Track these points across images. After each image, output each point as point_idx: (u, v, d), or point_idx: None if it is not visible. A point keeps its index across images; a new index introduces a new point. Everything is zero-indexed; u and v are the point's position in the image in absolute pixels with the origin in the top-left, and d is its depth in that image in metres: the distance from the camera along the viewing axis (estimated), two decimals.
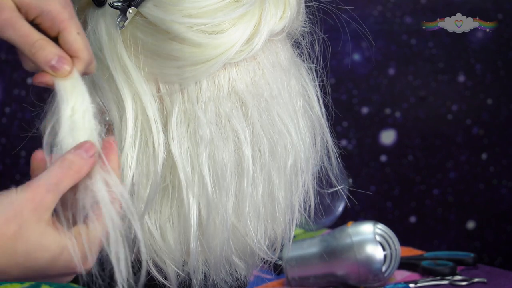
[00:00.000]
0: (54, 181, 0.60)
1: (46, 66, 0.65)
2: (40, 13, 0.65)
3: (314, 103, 0.84)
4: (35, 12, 0.65)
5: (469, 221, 2.23)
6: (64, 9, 0.66)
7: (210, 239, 0.77)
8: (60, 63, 0.65)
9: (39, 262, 0.60)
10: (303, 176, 0.82)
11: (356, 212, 2.09)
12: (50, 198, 0.60)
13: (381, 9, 2.13)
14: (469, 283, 1.14)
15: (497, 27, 2.09)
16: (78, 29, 0.67)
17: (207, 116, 0.75)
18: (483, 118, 2.19)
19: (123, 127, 0.75)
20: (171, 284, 0.79)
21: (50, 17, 0.65)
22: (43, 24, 0.66)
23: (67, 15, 0.66)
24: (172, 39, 0.74)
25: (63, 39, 0.66)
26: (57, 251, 0.60)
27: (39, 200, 0.60)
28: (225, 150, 0.76)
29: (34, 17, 0.65)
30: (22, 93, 2.07)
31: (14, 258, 0.59)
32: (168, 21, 0.74)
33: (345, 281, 1.13)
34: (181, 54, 0.74)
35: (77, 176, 0.62)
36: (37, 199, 0.59)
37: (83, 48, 0.66)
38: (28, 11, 0.65)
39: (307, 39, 0.84)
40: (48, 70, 0.65)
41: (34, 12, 0.65)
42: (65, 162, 0.61)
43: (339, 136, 0.87)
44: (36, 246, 0.59)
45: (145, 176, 0.76)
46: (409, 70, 2.16)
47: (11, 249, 0.58)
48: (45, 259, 0.60)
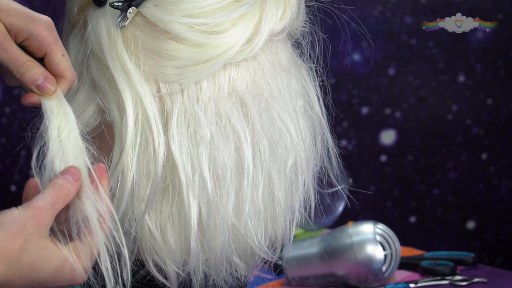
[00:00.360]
0: (50, 201, 0.66)
1: (32, 85, 0.71)
2: (29, 35, 0.70)
3: (314, 103, 0.84)
4: (24, 35, 0.70)
5: (469, 221, 2.23)
6: (50, 33, 0.71)
7: (210, 239, 0.77)
8: (45, 83, 0.71)
9: (42, 274, 0.65)
10: (304, 176, 0.82)
11: (356, 212, 2.09)
12: (49, 215, 0.66)
13: (381, 9, 2.13)
14: (469, 283, 1.14)
15: (497, 27, 2.09)
16: (62, 51, 0.72)
17: (207, 116, 0.75)
18: (483, 118, 2.19)
19: (124, 127, 0.75)
20: (172, 284, 0.79)
21: (37, 39, 0.70)
22: (30, 46, 0.71)
23: (52, 38, 0.71)
24: (172, 39, 0.74)
25: (50, 61, 0.71)
26: (58, 263, 0.66)
27: (40, 217, 0.65)
28: (226, 150, 0.76)
29: (22, 40, 0.70)
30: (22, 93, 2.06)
31: (20, 270, 0.64)
32: (169, 21, 0.74)
33: (345, 281, 1.13)
34: (182, 54, 0.74)
35: (67, 198, 0.67)
36: (38, 216, 0.65)
37: (68, 68, 0.72)
38: (17, 34, 0.70)
39: (308, 39, 0.84)
40: (34, 90, 0.71)
41: (23, 35, 0.70)
42: (56, 185, 0.67)
43: (339, 136, 0.87)
44: (39, 258, 0.64)
45: (145, 176, 0.76)
46: (409, 70, 2.16)
47: (18, 261, 0.63)
48: (48, 271, 0.65)
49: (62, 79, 0.72)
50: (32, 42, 0.70)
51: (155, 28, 0.75)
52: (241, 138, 0.76)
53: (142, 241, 0.78)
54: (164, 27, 0.74)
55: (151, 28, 0.75)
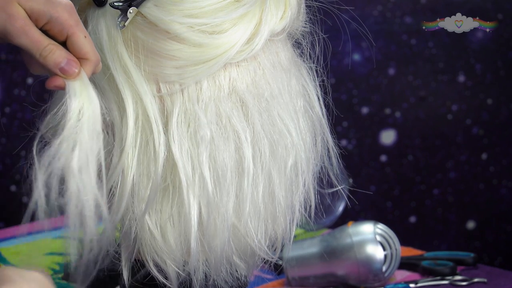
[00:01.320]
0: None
1: (55, 69, 0.69)
2: (49, 19, 0.69)
3: (314, 103, 0.84)
4: (45, 19, 0.69)
5: (469, 221, 2.23)
6: (70, 15, 0.70)
7: (210, 239, 0.77)
8: (69, 65, 0.69)
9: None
10: (304, 176, 0.82)
11: (356, 212, 2.09)
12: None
13: (381, 9, 2.13)
14: (469, 283, 1.14)
15: (497, 27, 2.09)
16: (84, 33, 0.71)
17: (207, 116, 0.75)
18: (483, 118, 2.19)
19: (124, 127, 0.75)
20: (172, 284, 0.79)
21: (58, 23, 0.69)
22: (52, 30, 0.70)
23: (74, 21, 0.70)
24: (172, 39, 0.74)
25: (72, 43, 0.70)
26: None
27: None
28: (226, 150, 0.76)
29: (43, 24, 0.69)
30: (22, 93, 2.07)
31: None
32: (169, 21, 0.74)
33: (345, 281, 1.13)
34: (182, 54, 0.74)
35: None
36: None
37: (91, 50, 0.71)
38: (38, 18, 0.69)
39: (308, 39, 0.84)
40: (58, 73, 0.69)
41: (43, 19, 0.69)
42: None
43: (339, 136, 0.87)
44: None
45: (145, 176, 0.76)
46: (409, 70, 2.16)
47: None
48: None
49: (86, 61, 0.71)
50: (53, 26, 0.69)
51: (155, 28, 0.75)
52: (241, 138, 0.76)
53: (142, 241, 0.78)
54: (164, 27, 0.74)
55: (151, 28, 0.75)
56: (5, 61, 2.08)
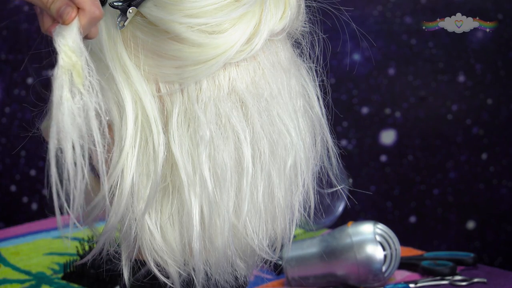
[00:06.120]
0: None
1: (58, 15, 0.69)
2: None
3: (314, 103, 0.84)
4: None
5: (469, 221, 2.23)
6: None
7: (213, 238, 0.77)
8: (65, 10, 0.68)
9: None
10: (303, 176, 0.82)
11: (356, 212, 2.09)
12: None
13: (381, 9, 2.13)
14: (469, 283, 1.14)
15: (497, 27, 2.09)
16: None
17: (207, 116, 0.75)
18: (483, 118, 2.19)
19: (123, 127, 0.75)
20: (174, 283, 0.79)
21: None
22: None
23: None
24: (172, 39, 0.74)
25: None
26: None
27: None
28: (225, 150, 0.76)
29: None
30: (22, 93, 2.07)
31: None
32: (168, 21, 0.74)
33: (345, 281, 1.13)
34: (181, 54, 0.74)
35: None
36: None
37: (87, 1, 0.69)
38: None
39: (307, 39, 0.84)
40: (58, 18, 0.69)
41: None
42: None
43: (339, 136, 0.87)
44: None
45: (145, 176, 0.76)
46: (409, 70, 2.16)
47: None
48: None
49: (81, 11, 0.69)
50: None
51: (155, 28, 0.75)
52: (240, 138, 0.76)
53: (142, 241, 0.78)
54: (164, 27, 0.74)
55: (151, 28, 0.75)
56: (5, 61, 2.08)
